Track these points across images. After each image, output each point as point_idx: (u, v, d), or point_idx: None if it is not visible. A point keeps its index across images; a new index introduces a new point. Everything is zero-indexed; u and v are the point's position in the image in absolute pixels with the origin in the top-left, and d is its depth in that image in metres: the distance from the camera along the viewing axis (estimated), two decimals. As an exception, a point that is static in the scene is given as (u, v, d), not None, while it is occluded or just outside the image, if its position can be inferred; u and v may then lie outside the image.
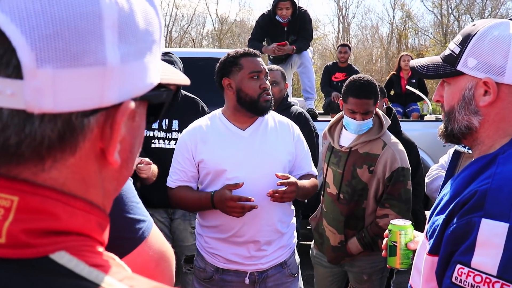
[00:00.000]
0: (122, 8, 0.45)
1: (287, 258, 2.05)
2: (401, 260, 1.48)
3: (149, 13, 0.50)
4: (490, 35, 1.04)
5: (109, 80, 0.45)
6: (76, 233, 0.46)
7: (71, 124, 0.44)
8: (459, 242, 0.95)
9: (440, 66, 1.12)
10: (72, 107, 0.43)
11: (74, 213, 0.46)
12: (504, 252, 0.89)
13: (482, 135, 1.08)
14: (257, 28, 4.63)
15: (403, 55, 6.25)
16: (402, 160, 2.28)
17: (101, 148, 0.48)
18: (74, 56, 0.42)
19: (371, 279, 2.44)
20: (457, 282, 0.93)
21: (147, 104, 0.54)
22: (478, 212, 0.93)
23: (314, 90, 4.72)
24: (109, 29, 0.44)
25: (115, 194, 0.54)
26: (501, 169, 0.98)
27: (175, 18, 21.79)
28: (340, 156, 2.39)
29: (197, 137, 1.99)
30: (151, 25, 0.50)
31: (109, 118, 0.47)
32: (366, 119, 2.30)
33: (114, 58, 0.45)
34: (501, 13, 18.94)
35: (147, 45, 0.49)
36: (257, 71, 1.97)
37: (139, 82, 0.49)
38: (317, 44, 21.13)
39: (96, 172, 0.49)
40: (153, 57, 0.51)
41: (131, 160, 0.54)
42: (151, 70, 0.51)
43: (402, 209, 2.27)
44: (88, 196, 0.49)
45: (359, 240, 2.34)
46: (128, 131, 0.50)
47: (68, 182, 0.46)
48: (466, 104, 1.07)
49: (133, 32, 0.47)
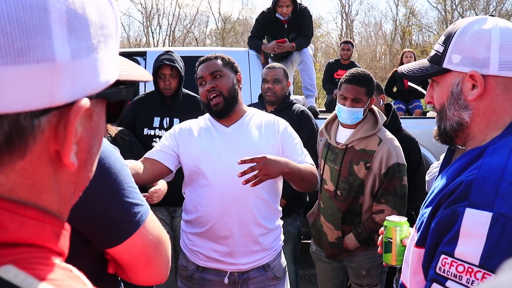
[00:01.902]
0: (71, 0, 0.43)
1: (270, 260, 2.03)
2: (396, 257, 1.47)
3: (103, 5, 0.47)
4: (471, 30, 1.07)
5: (59, 78, 0.42)
6: (27, 244, 0.42)
7: (19, 126, 0.41)
8: (444, 232, 0.95)
9: (427, 67, 1.15)
10: (19, 107, 0.40)
11: (24, 222, 0.43)
12: (486, 241, 0.88)
13: (474, 130, 1.08)
14: (257, 26, 4.61)
15: (405, 52, 6.22)
16: (397, 156, 2.31)
17: (55, 150, 0.44)
18: (18, 52, 0.39)
19: (370, 274, 2.46)
20: (441, 272, 0.93)
21: (105, 102, 0.51)
22: (463, 202, 0.93)
23: (314, 88, 4.70)
24: (56, 23, 0.41)
25: (73, 199, 0.51)
26: (488, 160, 0.98)
27: (178, 18, 21.85)
28: (337, 153, 2.42)
29: (184, 131, 2.04)
30: (105, 18, 0.47)
31: (62, 118, 0.44)
32: (356, 107, 2.33)
33: (64, 53, 0.42)
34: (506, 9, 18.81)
35: (101, 39, 0.47)
36: (200, 77, 2.01)
37: (93, 79, 0.46)
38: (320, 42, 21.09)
39: (49, 176, 0.45)
40: (109, 52, 0.48)
41: (90, 162, 0.51)
42: (106, 66, 0.48)
43: (398, 204, 2.31)
44: (41, 203, 0.45)
45: (355, 236, 2.38)
46: (85, 131, 0.47)
47: (17, 188, 0.43)
48: (455, 100, 1.09)
49: (84, 25, 0.44)
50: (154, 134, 3.11)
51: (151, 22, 21.80)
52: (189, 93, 3.25)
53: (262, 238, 1.99)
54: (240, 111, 2.05)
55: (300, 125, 3.02)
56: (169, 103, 3.14)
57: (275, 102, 3.14)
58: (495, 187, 0.92)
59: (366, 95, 2.33)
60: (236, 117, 2.04)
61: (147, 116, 3.12)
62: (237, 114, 2.04)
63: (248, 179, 1.75)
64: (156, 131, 3.12)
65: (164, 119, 3.13)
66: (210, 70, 1.99)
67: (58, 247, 0.46)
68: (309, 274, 4.33)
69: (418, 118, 5.34)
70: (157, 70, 3.09)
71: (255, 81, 4.19)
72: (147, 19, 21.69)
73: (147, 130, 3.11)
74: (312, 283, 4.17)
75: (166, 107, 3.14)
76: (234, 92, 2.01)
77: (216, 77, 1.99)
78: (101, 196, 0.94)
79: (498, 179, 0.93)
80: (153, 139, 3.07)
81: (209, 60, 2.03)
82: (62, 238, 0.47)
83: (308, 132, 3.03)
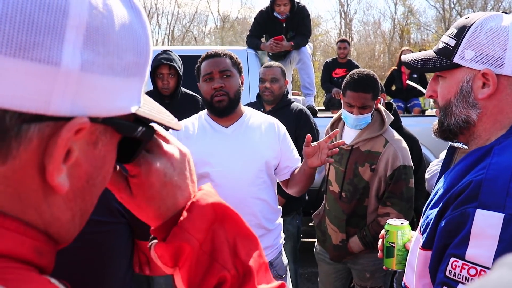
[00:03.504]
0: (97, 11, 0.40)
1: (273, 258, 2.03)
2: (397, 261, 1.44)
3: (135, 30, 0.45)
4: (487, 26, 1.02)
5: (61, 85, 0.39)
6: (2, 255, 0.39)
7: (3, 124, 0.37)
8: (453, 234, 0.92)
9: (435, 60, 1.10)
10: (8, 103, 0.37)
11: (1, 234, 0.39)
12: (499, 243, 0.86)
13: (479, 129, 1.06)
14: (255, 24, 4.59)
15: (404, 50, 6.22)
16: (404, 158, 2.24)
17: (44, 165, 0.41)
18: (21, 46, 0.36)
19: (374, 276, 2.42)
20: (451, 275, 0.90)
21: (118, 136, 0.47)
22: (472, 202, 0.90)
23: (313, 86, 4.68)
24: (73, 28, 0.39)
25: (70, 226, 0.46)
26: (496, 159, 0.95)
27: (177, 17, 21.81)
28: (342, 154, 2.36)
29: (181, 132, 2.00)
30: (135, 44, 0.45)
31: (56, 132, 0.40)
32: (364, 114, 2.27)
33: (72, 62, 0.39)
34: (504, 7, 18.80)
35: (123, 63, 0.44)
36: (208, 73, 1.96)
37: (101, 101, 0.42)
38: (319, 40, 21.06)
39: (37, 192, 0.41)
40: (131, 81, 0.45)
41: (88, 192, 0.46)
42: (124, 94, 0.45)
43: (404, 207, 2.24)
44: (25, 217, 0.41)
45: (360, 239, 2.33)
46: (85, 156, 0.44)
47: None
48: (464, 97, 1.05)
49: (105, 42, 0.41)
50: (153, 133, 3.10)
51: (150, 21, 21.78)
52: (188, 92, 3.24)
53: (266, 238, 1.99)
54: (239, 111, 2.05)
55: (298, 124, 3.01)
56: (167, 103, 3.12)
57: (273, 101, 3.12)
58: (506, 187, 0.89)
59: (373, 99, 2.27)
60: (235, 117, 2.03)
61: (145, 116, 3.10)
62: (236, 115, 2.03)
63: None
64: (155, 131, 3.10)
65: (162, 119, 3.12)
66: (220, 68, 1.95)
67: (39, 261, 0.42)
68: (309, 273, 4.32)
69: (417, 116, 5.33)
70: (155, 69, 3.08)
71: (253, 80, 4.18)
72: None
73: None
74: (312, 282, 4.16)
75: (165, 106, 3.10)
76: (239, 94, 2.00)
77: (224, 77, 1.96)
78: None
79: (508, 179, 0.90)
80: (151, 139, 3.06)
81: (218, 56, 1.98)
82: (46, 254, 0.44)
83: (306, 131, 3.02)
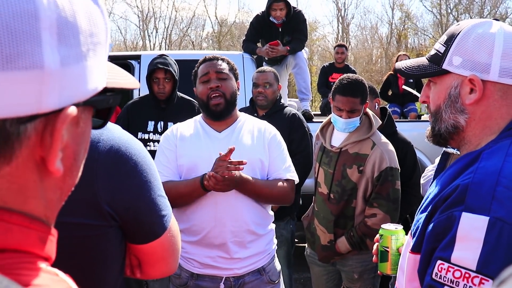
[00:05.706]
0: (62, 8, 0.43)
1: (265, 264, 2.02)
2: (392, 266, 1.44)
3: (93, 13, 0.47)
4: (474, 33, 1.04)
5: (47, 85, 0.42)
6: (12, 250, 0.42)
7: (5, 132, 0.41)
8: (440, 237, 0.93)
9: (426, 66, 1.12)
10: (6, 113, 0.40)
11: (10, 229, 0.43)
12: (483, 246, 0.87)
13: (469, 134, 1.07)
14: (251, 29, 4.60)
15: (400, 55, 6.25)
16: (390, 160, 2.30)
17: (41, 156, 0.44)
18: (7, 59, 0.39)
19: (363, 278, 2.45)
20: (437, 278, 0.91)
21: (92, 109, 0.51)
22: (459, 206, 0.91)
23: (309, 91, 4.69)
24: (46, 30, 0.41)
25: (59, 204, 0.51)
26: (484, 164, 0.97)
27: (175, 21, 21.84)
28: (331, 156, 2.43)
29: (177, 135, 2.01)
30: (95, 26, 0.48)
31: (48, 124, 0.44)
32: (352, 118, 2.33)
33: (53, 61, 0.42)
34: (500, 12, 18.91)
35: (90, 47, 0.47)
36: (205, 74, 1.98)
37: (81, 87, 0.46)
38: (317, 45, 21.13)
39: (36, 181, 0.45)
40: (98, 60, 0.49)
41: (75, 168, 0.51)
42: (95, 74, 0.48)
43: (390, 208, 2.30)
44: (27, 208, 0.45)
45: (347, 239, 2.38)
46: (71, 137, 0.47)
47: (2, 194, 0.43)
48: (452, 103, 1.07)
49: (74, 33, 0.44)
50: (148, 138, 3.10)
51: (148, 25, 21.81)
52: (184, 96, 3.24)
53: (257, 243, 1.98)
54: (234, 116, 2.06)
55: (292, 129, 3.02)
56: (163, 107, 3.13)
57: (266, 106, 3.13)
58: (492, 191, 0.90)
59: (361, 103, 2.34)
60: (229, 122, 2.04)
61: (141, 120, 3.11)
62: (230, 119, 2.04)
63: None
64: (151, 135, 3.11)
65: (158, 123, 3.12)
66: (217, 69, 1.98)
67: (45, 252, 0.46)
68: (304, 278, 4.31)
69: (413, 121, 5.35)
70: (151, 74, 3.08)
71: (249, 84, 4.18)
72: (143, 22, 21.67)
73: (141, 134, 3.10)
74: (307, 287, 4.15)
75: (161, 111, 3.13)
76: (235, 97, 2.01)
77: (221, 79, 1.98)
78: (149, 195, 1.01)
79: (494, 183, 0.91)
80: (147, 143, 3.06)
81: (216, 60, 2.01)
82: (49, 243, 0.47)
83: (300, 135, 3.03)
